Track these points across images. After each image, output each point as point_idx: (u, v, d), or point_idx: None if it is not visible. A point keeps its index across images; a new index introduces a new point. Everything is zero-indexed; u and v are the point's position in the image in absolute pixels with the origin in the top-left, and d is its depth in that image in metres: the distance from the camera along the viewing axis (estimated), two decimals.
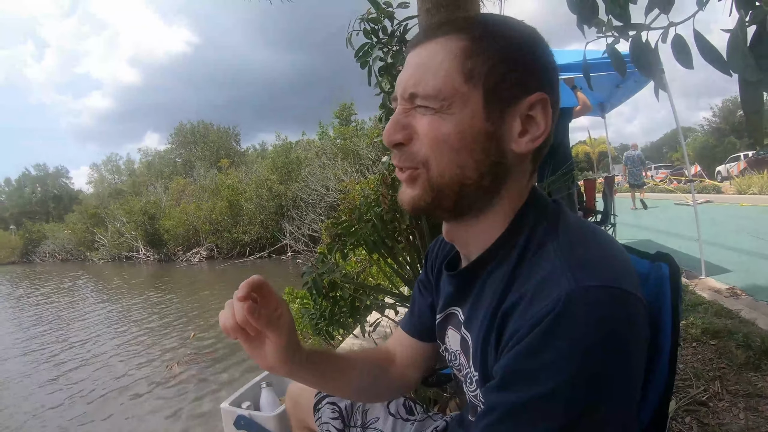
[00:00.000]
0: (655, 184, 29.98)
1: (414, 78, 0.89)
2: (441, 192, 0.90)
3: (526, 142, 0.88)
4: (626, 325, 0.71)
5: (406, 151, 0.91)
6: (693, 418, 2.66)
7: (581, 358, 0.69)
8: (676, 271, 0.93)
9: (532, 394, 0.71)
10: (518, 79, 0.87)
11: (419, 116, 0.89)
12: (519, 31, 0.91)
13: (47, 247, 45.36)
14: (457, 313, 1.07)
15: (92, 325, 12.99)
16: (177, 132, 59.57)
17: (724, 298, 4.85)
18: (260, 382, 2.96)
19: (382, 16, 2.79)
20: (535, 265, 0.83)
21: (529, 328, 0.74)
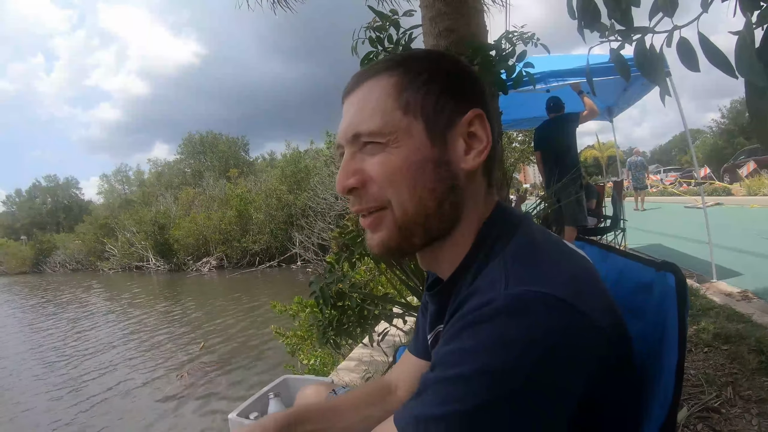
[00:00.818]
0: (665, 187, 29.91)
1: (354, 120, 0.92)
2: (407, 229, 0.91)
3: (473, 158, 0.92)
4: (552, 332, 0.69)
5: (363, 194, 0.93)
6: (705, 425, 2.63)
7: (494, 351, 0.69)
8: (682, 282, 0.90)
9: (444, 375, 0.73)
10: (451, 102, 0.92)
11: (368, 158, 0.91)
12: (440, 59, 0.97)
13: (58, 257, 45.62)
14: (441, 331, 1.08)
15: (103, 335, 13.07)
16: (186, 142, 59.96)
17: (735, 302, 4.81)
18: (268, 393, 2.94)
19: (388, 25, 2.80)
20: (485, 273, 0.84)
21: (457, 320, 0.77)
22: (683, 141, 68.64)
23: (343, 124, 0.95)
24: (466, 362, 0.70)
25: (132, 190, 64.26)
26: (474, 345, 0.71)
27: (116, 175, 72.64)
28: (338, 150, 0.97)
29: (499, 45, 2.91)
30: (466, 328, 0.73)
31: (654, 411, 0.88)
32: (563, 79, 6.50)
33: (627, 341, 0.84)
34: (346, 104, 0.96)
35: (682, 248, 8.76)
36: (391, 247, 0.94)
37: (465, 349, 0.71)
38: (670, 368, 0.86)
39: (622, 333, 0.83)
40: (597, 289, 0.83)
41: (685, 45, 1.46)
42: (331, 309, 3.00)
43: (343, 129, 0.94)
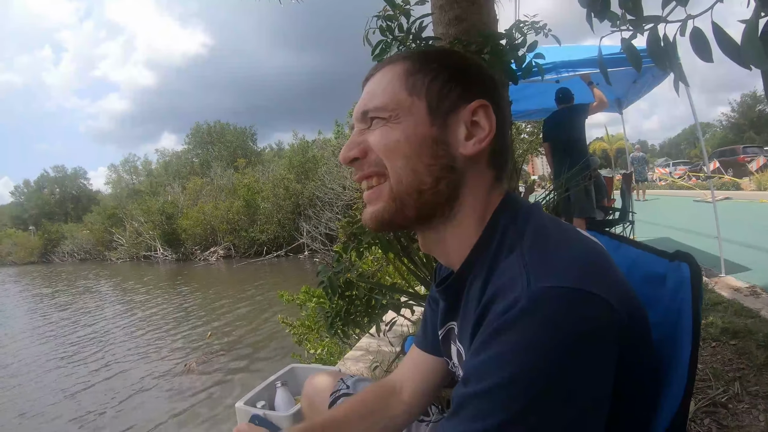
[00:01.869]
0: (674, 181, 29.80)
1: (365, 100, 0.99)
2: (401, 200, 0.95)
3: (472, 144, 0.94)
4: (578, 325, 0.70)
5: (363, 163, 0.98)
6: (712, 420, 2.62)
7: (525, 356, 0.69)
8: (697, 272, 0.89)
9: (477, 389, 0.73)
10: (457, 90, 0.96)
11: (369, 132, 0.97)
12: (453, 54, 1.05)
13: (66, 247, 45.87)
14: (454, 326, 1.09)
15: (110, 324, 13.15)
16: (194, 132, 60.06)
17: (744, 297, 4.79)
18: (275, 382, 2.95)
19: (398, 14, 2.79)
20: (501, 271, 0.84)
21: (485, 328, 0.76)
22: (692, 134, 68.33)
23: (357, 105, 1.01)
24: (498, 372, 0.70)
25: (140, 180, 64.31)
26: (503, 353, 0.71)
27: (124, 165, 72.75)
28: (351, 130, 1.03)
29: (509, 34, 2.90)
30: (494, 336, 0.73)
31: (667, 401, 0.87)
32: (573, 70, 6.48)
33: (646, 328, 0.85)
34: (364, 90, 1.02)
35: (690, 242, 8.73)
36: (384, 218, 0.97)
37: (495, 358, 0.72)
38: (684, 359, 0.86)
39: (641, 319, 0.83)
40: (612, 273, 0.83)
41: (699, 35, 1.44)
42: (339, 299, 3.00)
43: (356, 109, 1.01)
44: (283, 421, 2.59)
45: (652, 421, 0.89)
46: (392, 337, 3.66)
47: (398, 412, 1.32)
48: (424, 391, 1.34)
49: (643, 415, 0.88)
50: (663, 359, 0.89)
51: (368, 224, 1.01)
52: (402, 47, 2.79)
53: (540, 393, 0.68)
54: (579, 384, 0.70)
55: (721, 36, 1.34)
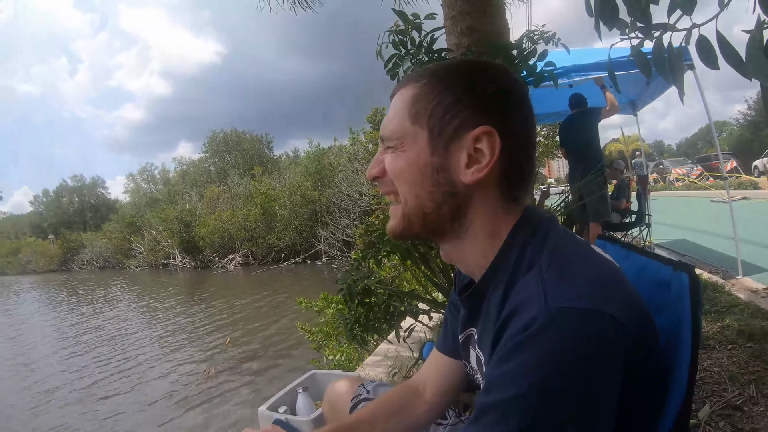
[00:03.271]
0: (691, 181, 29.53)
1: (383, 123, 1.05)
2: (409, 219, 1.03)
3: (471, 173, 0.95)
4: (593, 344, 0.75)
5: (382, 182, 1.06)
6: (727, 423, 2.62)
7: (541, 370, 0.74)
8: (696, 282, 0.95)
9: (497, 398, 0.78)
10: (462, 115, 0.96)
11: (386, 154, 1.04)
12: (465, 73, 1.01)
13: (85, 256, 46.06)
14: (474, 333, 1.13)
15: (130, 331, 13.21)
16: (210, 141, 60.05)
17: (761, 299, 4.77)
18: (297, 387, 3.00)
19: (410, 28, 2.83)
20: (522, 286, 0.88)
21: (505, 342, 0.81)
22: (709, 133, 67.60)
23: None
24: (518, 383, 0.75)
25: (158, 189, 64.51)
26: (522, 366, 0.76)
27: (142, 174, 73.03)
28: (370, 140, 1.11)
29: (520, 44, 2.93)
30: (514, 351, 0.78)
31: (671, 403, 0.92)
32: (586, 74, 6.48)
33: (653, 338, 0.89)
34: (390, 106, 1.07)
35: (707, 243, 8.68)
36: (397, 232, 1.07)
37: (515, 371, 0.76)
38: (685, 363, 0.91)
39: (649, 330, 0.88)
40: (624, 292, 0.87)
41: (705, 43, 1.47)
42: (358, 305, 3.04)
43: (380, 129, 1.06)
44: (304, 426, 2.63)
45: (656, 424, 0.93)
46: (411, 343, 3.69)
47: (421, 412, 1.37)
48: (445, 392, 1.39)
49: (647, 418, 0.92)
50: (668, 363, 0.94)
51: (389, 235, 1.10)
52: (415, 60, 2.84)
53: (552, 407, 0.73)
54: (589, 399, 0.75)
55: (724, 46, 1.37)
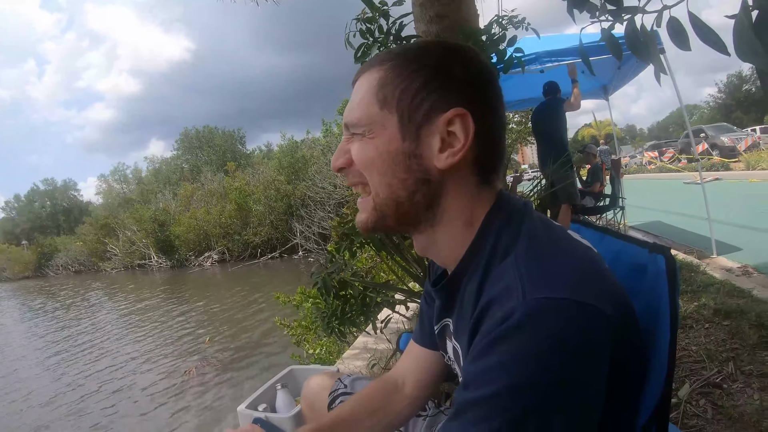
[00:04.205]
0: (663, 164, 29.89)
1: (347, 110, 1.00)
2: (381, 211, 0.97)
3: (445, 157, 0.91)
4: (576, 336, 0.72)
5: (348, 173, 1.00)
6: (707, 401, 2.65)
7: (522, 366, 0.71)
8: (671, 263, 0.93)
9: (477, 395, 0.75)
10: (432, 98, 0.92)
11: (352, 143, 0.98)
12: (434, 54, 0.95)
13: (60, 260, 45.58)
14: (449, 323, 1.10)
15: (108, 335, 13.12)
16: (182, 138, 59.85)
17: (735, 277, 4.83)
18: (275, 384, 2.97)
19: (378, 15, 2.79)
20: (497, 275, 0.85)
21: (482, 336, 0.78)
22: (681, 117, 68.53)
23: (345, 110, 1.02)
24: (496, 381, 0.72)
25: (130, 189, 63.77)
26: (501, 362, 0.73)
27: (114, 174, 72.12)
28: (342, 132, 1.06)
29: (489, 29, 2.91)
30: (492, 345, 0.75)
31: (651, 386, 0.90)
32: (557, 59, 6.53)
33: (634, 324, 0.87)
34: (352, 92, 1.02)
35: (681, 224, 8.77)
36: (369, 226, 1.01)
37: (493, 367, 0.74)
38: (664, 346, 0.89)
39: (630, 317, 0.85)
40: (604, 279, 0.85)
41: (676, 24, 1.46)
42: (334, 298, 3.02)
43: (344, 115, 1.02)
44: (284, 423, 2.61)
45: (639, 407, 0.92)
46: (388, 334, 3.68)
47: (402, 407, 1.34)
48: (425, 383, 1.36)
49: (630, 402, 0.90)
50: (648, 346, 0.92)
51: (359, 229, 1.04)
52: (383, 48, 2.80)
53: (536, 402, 0.70)
54: (573, 392, 0.73)
55: (697, 24, 1.35)
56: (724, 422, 2.45)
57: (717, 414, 2.53)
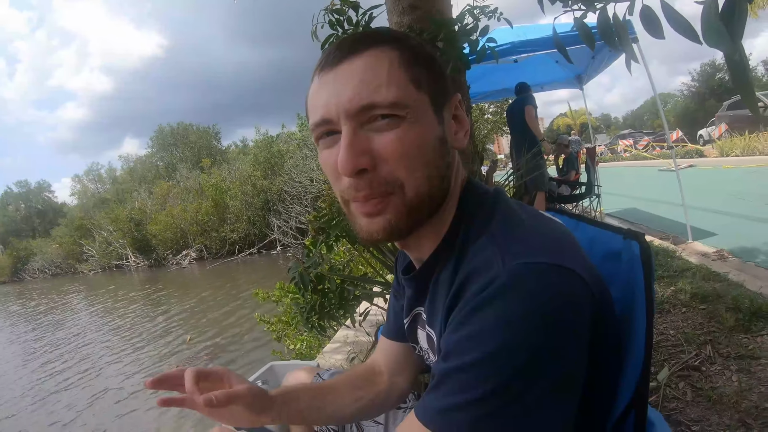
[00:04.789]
0: (638, 152, 30.19)
1: (361, 90, 0.83)
2: (417, 210, 0.87)
3: (461, 137, 0.93)
4: (555, 299, 0.72)
5: (372, 177, 0.84)
6: (687, 384, 2.68)
7: (505, 330, 0.70)
8: (646, 249, 0.93)
9: (458, 363, 0.74)
10: (443, 84, 0.91)
11: (376, 135, 0.84)
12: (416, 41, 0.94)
13: (36, 264, 44.84)
14: (421, 312, 1.09)
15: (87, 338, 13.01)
16: (157, 135, 59.36)
17: (711, 262, 4.88)
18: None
19: (347, 7, 2.78)
20: (472, 254, 0.84)
21: (462, 307, 0.77)
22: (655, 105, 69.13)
23: (340, 97, 0.84)
24: (480, 347, 0.71)
25: (106, 189, 63.19)
26: (483, 329, 0.72)
27: (88, 174, 71.31)
28: (323, 127, 0.88)
29: (462, 19, 2.90)
30: (473, 314, 0.74)
31: (630, 370, 0.90)
32: (531, 49, 6.57)
33: (610, 303, 0.87)
34: (333, 76, 0.86)
35: (657, 211, 8.87)
36: (400, 229, 0.88)
37: (476, 334, 0.73)
38: (641, 330, 0.89)
39: (606, 294, 0.86)
40: (578, 249, 0.86)
41: (648, 13, 1.46)
42: (312, 293, 3.00)
43: (343, 101, 0.83)
44: None
45: (617, 391, 0.92)
46: (368, 327, 3.68)
47: (382, 389, 1.34)
48: (399, 374, 1.36)
49: (609, 386, 0.90)
50: (624, 332, 0.92)
51: (378, 236, 0.89)
52: None
53: (521, 365, 0.69)
54: (558, 355, 0.72)
55: (669, 12, 1.36)
56: (704, 404, 2.48)
57: (696, 396, 2.57)
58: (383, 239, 0.90)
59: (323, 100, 0.86)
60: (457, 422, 0.73)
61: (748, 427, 2.25)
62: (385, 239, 0.90)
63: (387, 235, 0.89)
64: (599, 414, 0.91)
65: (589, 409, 0.85)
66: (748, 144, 18.58)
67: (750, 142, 18.66)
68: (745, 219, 7.14)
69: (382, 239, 0.90)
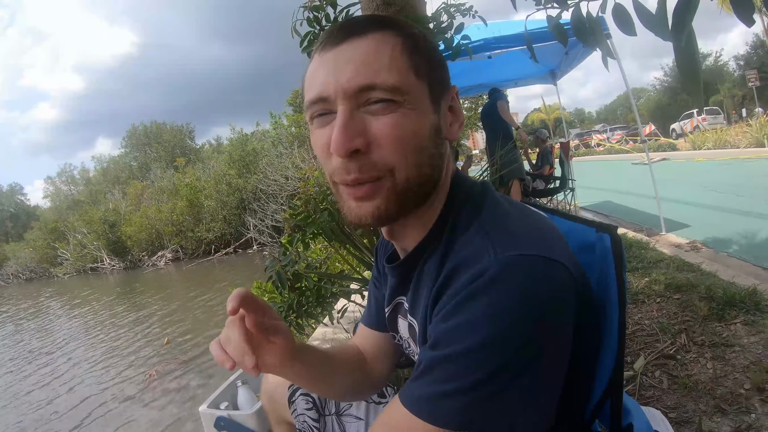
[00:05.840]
0: (611, 146, 30.49)
1: (362, 71, 0.82)
2: (406, 196, 0.87)
3: (456, 129, 0.94)
4: (545, 290, 0.74)
5: (364, 159, 0.83)
6: (662, 372, 2.72)
7: (495, 320, 0.71)
8: (617, 242, 0.95)
9: (448, 352, 0.75)
10: (443, 75, 0.92)
11: (373, 118, 0.83)
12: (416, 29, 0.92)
13: (10, 269, 44.15)
14: (403, 302, 1.09)
15: (63, 342, 12.85)
16: (130, 135, 58.76)
17: (684, 253, 4.95)
18: (236, 381, 2.95)
19: (325, 3, 2.77)
20: (461, 245, 0.85)
21: (452, 296, 0.78)
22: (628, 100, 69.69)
23: (339, 76, 0.83)
24: (470, 336, 0.72)
25: (79, 190, 62.34)
26: (474, 319, 0.73)
27: (61, 176, 70.28)
28: (318, 105, 0.87)
29: (437, 17, 2.92)
30: (463, 303, 0.75)
31: (604, 361, 0.93)
32: (504, 46, 6.60)
33: (590, 293, 0.89)
34: (334, 54, 0.85)
35: (630, 204, 8.96)
36: (389, 215, 0.87)
37: (466, 323, 0.73)
38: (614, 321, 0.91)
39: (587, 285, 0.88)
40: (563, 241, 0.88)
41: (621, 10, 1.48)
42: (289, 291, 3.00)
43: (342, 81, 0.82)
44: (247, 420, 2.60)
45: (594, 380, 0.94)
46: (346, 324, 3.68)
47: (369, 369, 1.34)
48: (379, 360, 1.35)
49: (586, 375, 0.93)
50: (599, 322, 0.94)
51: (366, 220, 0.89)
52: None
53: (510, 355, 0.71)
54: (546, 346, 0.74)
55: (639, 9, 1.38)
56: (680, 391, 2.52)
57: (672, 384, 2.61)
58: (371, 224, 0.90)
59: (321, 78, 0.85)
60: (446, 409, 0.75)
61: (723, 412, 2.29)
62: (373, 224, 0.90)
63: (375, 220, 0.88)
64: (576, 403, 0.93)
65: (567, 398, 0.86)
66: (720, 137, 18.86)
67: (722, 136, 18.95)
68: (717, 210, 7.26)
69: (370, 224, 0.90)
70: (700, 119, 29.65)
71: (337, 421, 1.53)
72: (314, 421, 1.51)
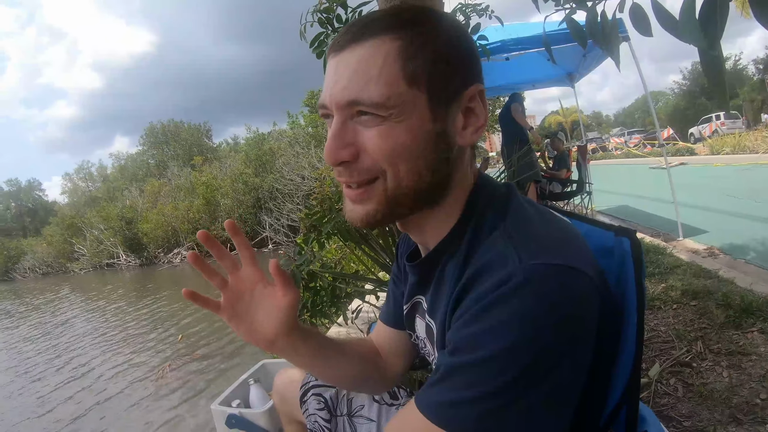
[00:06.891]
0: (629, 149, 30.34)
1: (351, 85, 0.83)
2: (397, 201, 0.87)
3: (470, 134, 0.89)
4: (569, 300, 0.73)
5: (354, 167, 0.86)
6: (678, 380, 2.70)
7: (519, 328, 0.70)
8: (637, 246, 0.94)
9: (469, 359, 0.74)
10: (456, 75, 0.87)
11: (361, 129, 0.85)
12: (449, 24, 0.89)
13: (27, 263, 44.48)
14: (422, 301, 1.09)
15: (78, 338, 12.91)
16: (148, 133, 59.06)
17: (702, 259, 4.90)
18: (248, 379, 2.95)
19: (335, 5, 2.77)
20: (485, 249, 0.83)
21: (475, 302, 0.76)
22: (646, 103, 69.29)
23: (334, 86, 0.85)
24: (492, 343, 0.72)
25: (96, 187, 62.81)
26: (497, 326, 0.72)
27: (79, 172, 70.94)
28: (322, 111, 0.90)
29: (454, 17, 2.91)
30: (487, 309, 0.74)
31: (621, 366, 0.92)
32: (522, 47, 6.57)
33: (612, 300, 0.87)
34: (337, 61, 0.86)
35: (648, 209, 8.90)
36: (377, 219, 0.89)
37: (489, 330, 0.73)
38: (632, 326, 0.90)
39: (609, 292, 0.87)
40: (587, 249, 0.86)
41: (638, 10, 1.47)
42: (304, 290, 3.00)
43: (335, 92, 0.85)
44: (258, 418, 2.60)
45: (610, 387, 0.93)
46: (360, 324, 3.68)
47: (383, 365, 1.34)
48: (395, 356, 1.35)
49: (602, 382, 0.92)
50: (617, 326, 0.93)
51: (356, 223, 0.92)
52: None
53: (531, 364, 0.70)
54: (568, 356, 0.73)
55: (659, 10, 1.36)
56: (695, 400, 2.50)
57: (688, 392, 2.58)
58: (363, 226, 0.93)
59: (325, 85, 0.88)
60: (464, 417, 0.74)
61: (738, 422, 2.26)
62: (365, 226, 0.93)
63: (365, 224, 0.91)
64: (592, 410, 0.92)
65: (583, 406, 0.85)
66: (739, 142, 18.71)
67: (740, 140, 18.79)
68: (735, 216, 7.18)
69: (363, 226, 0.92)
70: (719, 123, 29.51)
71: (348, 422, 1.52)
72: (326, 421, 1.50)
